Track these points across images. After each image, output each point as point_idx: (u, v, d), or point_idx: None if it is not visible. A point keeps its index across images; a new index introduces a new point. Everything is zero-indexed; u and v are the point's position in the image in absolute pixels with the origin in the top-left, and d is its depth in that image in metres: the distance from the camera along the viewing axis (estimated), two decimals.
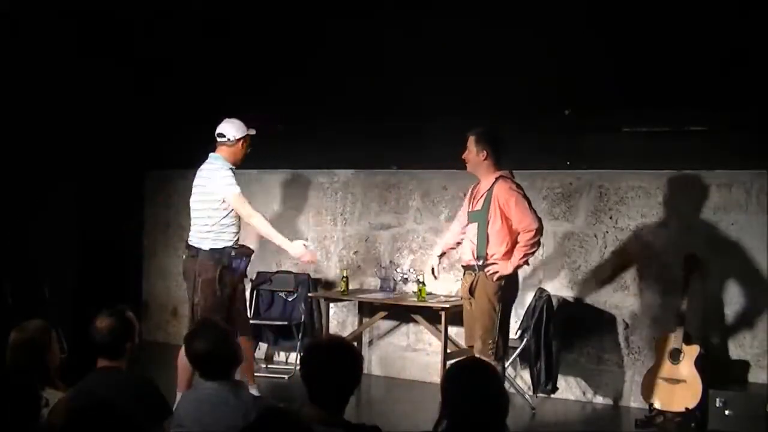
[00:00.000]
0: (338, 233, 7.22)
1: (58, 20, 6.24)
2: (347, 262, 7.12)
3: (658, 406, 5.44)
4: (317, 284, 7.18)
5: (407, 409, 6.11)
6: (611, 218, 6.14)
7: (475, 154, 5.07)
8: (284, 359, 7.31)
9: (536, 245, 4.99)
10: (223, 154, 5.34)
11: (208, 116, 5.45)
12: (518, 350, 5.83)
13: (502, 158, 5.09)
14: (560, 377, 6.01)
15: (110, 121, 6.92)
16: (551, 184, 6.32)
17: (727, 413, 5.22)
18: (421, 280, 6.25)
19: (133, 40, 6.50)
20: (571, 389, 6.22)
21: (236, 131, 5.34)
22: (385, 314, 6.62)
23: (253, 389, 5.15)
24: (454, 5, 5.52)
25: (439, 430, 2.70)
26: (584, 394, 6.20)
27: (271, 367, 7.16)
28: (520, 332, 5.97)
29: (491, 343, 4.95)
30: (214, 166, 5.30)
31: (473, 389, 2.70)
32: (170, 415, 3.37)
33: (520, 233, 4.93)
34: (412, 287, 6.52)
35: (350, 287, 6.70)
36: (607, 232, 6.15)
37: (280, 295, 7.15)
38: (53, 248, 6.85)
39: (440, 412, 2.73)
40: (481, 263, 4.99)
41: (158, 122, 6.95)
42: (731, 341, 5.74)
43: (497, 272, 4.93)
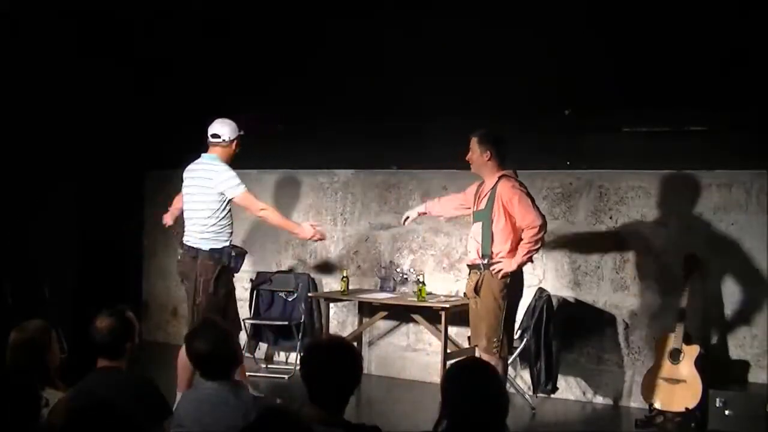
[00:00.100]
0: (338, 233, 7.22)
1: (58, 20, 6.25)
2: (347, 262, 7.12)
3: (658, 406, 5.44)
4: (317, 284, 7.19)
5: (407, 409, 6.11)
6: (611, 218, 6.14)
7: (478, 155, 5.08)
8: (284, 359, 7.31)
9: (540, 242, 4.99)
10: (218, 154, 5.33)
11: (208, 116, 5.44)
12: (518, 350, 5.82)
13: (506, 158, 5.10)
14: (560, 377, 6.01)
15: (110, 121, 6.92)
16: (551, 184, 6.32)
17: (727, 413, 5.21)
18: (421, 280, 6.26)
19: (133, 40, 6.51)
20: (571, 389, 6.22)
21: (231, 132, 5.34)
22: (385, 314, 6.62)
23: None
24: (454, 5, 5.52)
25: (439, 430, 2.70)
26: (584, 394, 6.20)
27: (271, 367, 7.15)
28: (520, 332, 5.96)
29: (496, 341, 4.97)
30: (216, 166, 5.28)
31: (473, 389, 2.70)
32: (170, 415, 3.37)
33: (524, 230, 4.95)
34: (412, 287, 6.52)
35: (350, 287, 6.70)
36: (607, 232, 6.15)
37: (280, 295, 7.15)
38: (53, 248, 6.85)
39: (440, 412, 2.73)
40: (486, 262, 5.00)
41: (158, 122, 6.95)
42: (731, 341, 5.74)
43: (502, 270, 4.95)
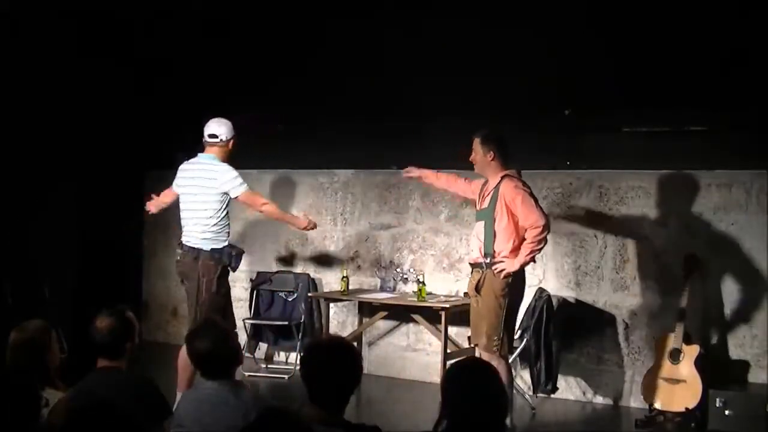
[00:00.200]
0: (338, 233, 7.22)
1: (58, 20, 6.25)
2: (347, 262, 7.12)
3: (658, 406, 5.44)
4: (317, 284, 7.20)
5: (407, 409, 6.11)
6: (611, 218, 6.14)
7: (482, 155, 5.07)
8: (284, 359, 7.30)
9: (543, 242, 4.97)
10: (215, 154, 5.33)
11: (208, 116, 5.44)
12: (518, 350, 5.82)
13: (509, 157, 5.09)
14: (560, 377, 6.01)
15: (110, 121, 6.92)
16: (551, 184, 6.31)
17: (727, 413, 5.21)
18: (421, 280, 6.26)
19: (133, 40, 6.51)
20: (571, 389, 6.22)
21: (228, 132, 5.34)
22: (385, 314, 6.62)
23: None
24: (454, 5, 5.53)
25: (439, 430, 2.70)
26: (584, 394, 6.20)
27: (271, 367, 7.15)
28: (520, 332, 5.95)
29: (496, 339, 4.96)
30: (217, 166, 5.27)
31: (473, 389, 2.69)
32: (170, 415, 3.37)
33: (527, 230, 4.94)
34: (412, 287, 6.52)
35: (350, 287, 6.70)
36: (607, 232, 6.15)
37: (280, 295, 7.15)
38: (53, 248, 6.84)
39: (440, 412, 2.72)
40: (488, 261, 5.00)
41: (158, 122, 6.95)
42: (731, 341, 5.74)
43: (504, 269, 4.94)
